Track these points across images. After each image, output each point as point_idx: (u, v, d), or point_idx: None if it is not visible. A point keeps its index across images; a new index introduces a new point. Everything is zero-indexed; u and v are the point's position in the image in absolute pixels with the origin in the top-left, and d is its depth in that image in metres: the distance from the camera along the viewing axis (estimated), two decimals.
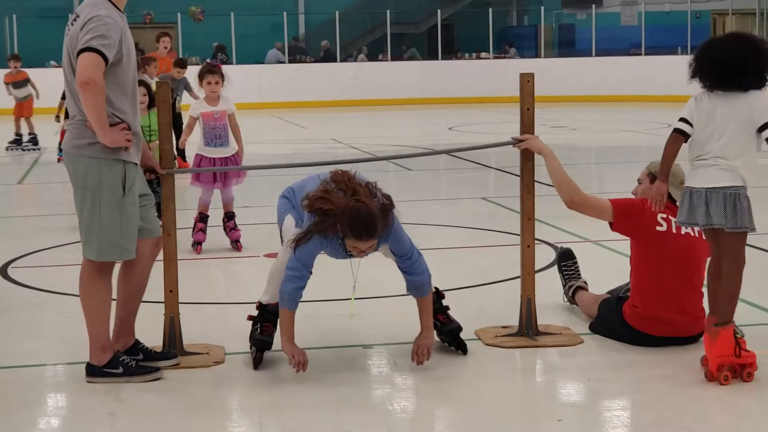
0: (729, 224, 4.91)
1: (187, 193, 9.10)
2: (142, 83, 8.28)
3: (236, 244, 8.26)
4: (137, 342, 5.32)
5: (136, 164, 5.10)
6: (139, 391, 4.97)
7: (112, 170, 4.96)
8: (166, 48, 13.39)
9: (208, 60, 7.57)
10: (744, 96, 4.95)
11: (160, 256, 5.39)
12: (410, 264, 5.26)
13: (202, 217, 8.24)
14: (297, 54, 29.66)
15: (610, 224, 5.64)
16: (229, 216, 8.30)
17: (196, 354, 5.47)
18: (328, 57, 29.22)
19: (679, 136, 5.09)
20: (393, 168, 14.54)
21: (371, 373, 5.37)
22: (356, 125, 21.86)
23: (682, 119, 5.09)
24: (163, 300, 5.48)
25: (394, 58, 29.45)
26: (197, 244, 8.19)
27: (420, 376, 5.21)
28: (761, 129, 4.92)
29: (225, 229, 8.29)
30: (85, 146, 4.97)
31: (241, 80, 26.33)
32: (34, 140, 17.12)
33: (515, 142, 5.67)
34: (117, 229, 4.99)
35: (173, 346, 5.46)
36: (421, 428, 4.58)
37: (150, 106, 8.38)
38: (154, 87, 11.20)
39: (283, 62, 28.75)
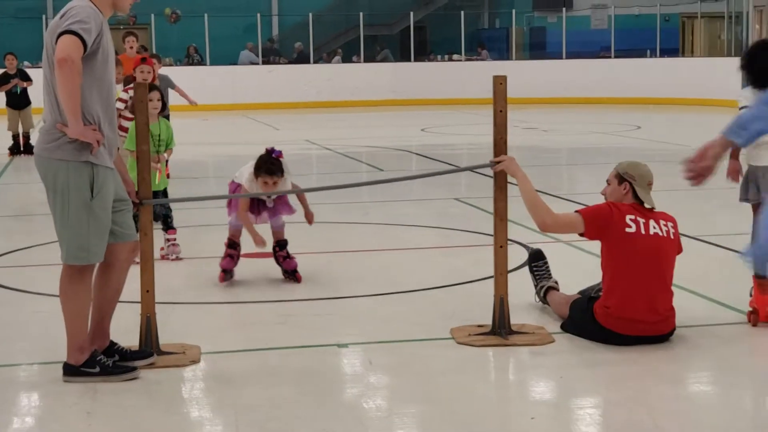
0: None
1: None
2: (155, 87, 8.09)
3: (294, 275, 7.20)
4: (113, 343, 5.34)
5: (109, 168, 5.09)
6: (116, 391, 5.00)
7: (80, 173, 4.97)
8: (132, 48, 13.01)
9: (267, 148, 7.04)
10: None
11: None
12: None
13: (232, 244, 7.21)
14: (270, 55, 29.65)
15: (581, 234, 5.73)
16: (281, 245, 7.27)
17: (172, 354, 5.50)
18: (302, 58, 29.24)
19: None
20: (365, 169, 14.60)
21: (346, 372, 5.42)
22: (330, 127, 21.89)
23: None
24: (139, 300, 5.51)
25: (367, 60, 29.51)
26: (228, 273, 7.19)
27: (395, 374, 5.27)
28: None
29: (277, 259, 7.25)
30: (55, 149, 4.98)
31: (215, 81, 26.60)
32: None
33: (492, 164, 5.73)
34: (85, 233, 5.00)
35: (149, 346, 5.48)
36: (396, 427, 4.63)
37: (161, 110, 8.12)
38: (118, 94, 11.16)
39: (257, 63, 28.74)
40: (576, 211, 5.76)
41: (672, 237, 5.70)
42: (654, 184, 5.80)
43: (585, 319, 5.72)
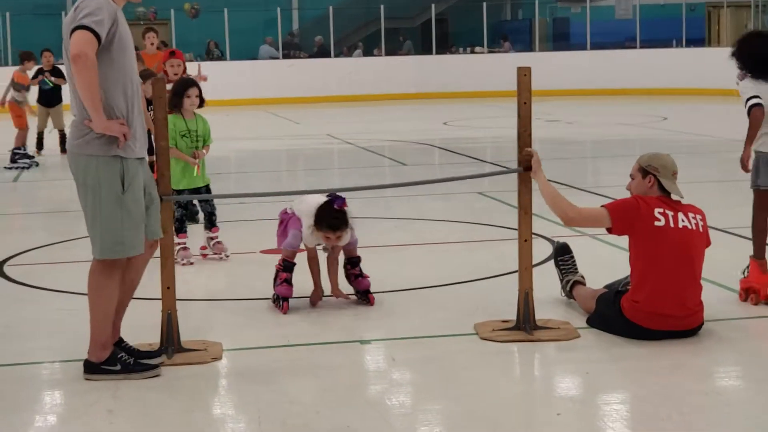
0: None
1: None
2: (193, 83, 7.92)
3: (367, 296, 6.43)
4: (121, 340, 5.29)
5: (139, 159, 5.07)
6: (138, 388, 4.96)
7: (110, 167, 4.95)
8: (152, 44, 12.85)
9: (328, 197, 6.28)
10: None
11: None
12: None
13: (287, 266, 6.38)
14: (291, 49, 29.62)
15: (608, 229, 5.64)
16: (353, 262, 6.50)
17: (194, 351, 5.46)
18: (322, 52, 29.20)
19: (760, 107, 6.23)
20: (388, 163, 14.55)
21: (369, 369, 5.36)
22: (351, 121, 21.85)
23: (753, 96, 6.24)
24: (160, 297, 5.47)
25: (388, 53, 29.43)
26: (282, 300, 6.31)
27: (418, 370, 5.21)
28: None
29: (349, 277, 6.50)
30: (83, 144, 4.96)
31: (235, 76, 26.59)
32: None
33: (521, 170, 5.68)
34: (119, 226, 4.98)
35: (170, 343, 5.44)
36: (419, 423, 4.57)
37: (199, 105, 7.96)
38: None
39: (277, 58, 28.72)
40: (602, 206, 5.67)
41: (701, 230, 5.61)
42: (681, 175, 5.71)
43: (612, 314, 5.64)
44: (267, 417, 4.59)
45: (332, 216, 6.17)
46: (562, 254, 6.41)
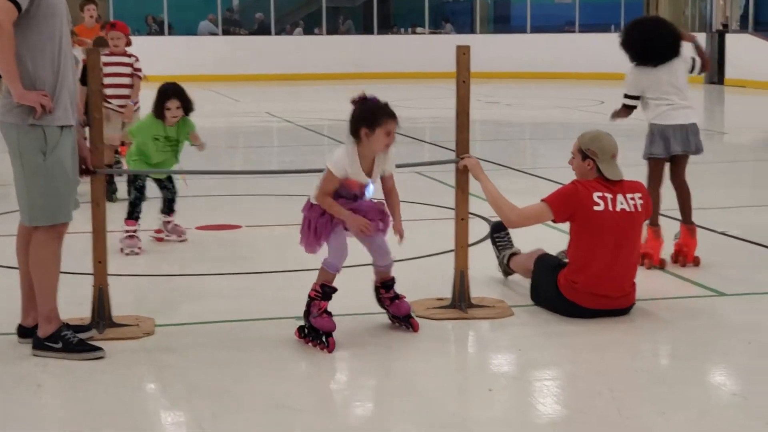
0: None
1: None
2: (173, 93, 7.36)
3: (410, 322, 5.43)
4: None
5: (66, 127, 4.95)
6: (67, 363, 4.89)
7: (30, 135, 4.87)
8: (92, 17, 12.47)
9: (359, 96, 5.34)
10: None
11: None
12: None
13: (327, 292, 5.28)
14: (231, 26, 29.36)
15: (553, 220, 5.67)
16: (387, 285, 5.50)
17: (125, 326, 5.40)
18: (263, 30, 28.98)
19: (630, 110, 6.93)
20: (327, 141, 14.49)
21: (305, 346, 5.33)
22: (291, 99, 21.73)
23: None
24: (91, 271, 5.40)
25: (329, 32, 29.30)
26: (326, 336, 5.13)
27: (354, 348, 5.19)
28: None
29: (383, 301, 5.53)
30: (6, 112, 4.90)
31: (173, 52, 26.28)
32: None
33: (458, 161, 5.67)
34: (42, 193, 4.91)
35: (102, 318, 5.38)
36: (354, 399, 4.57)
37: (186, 114, 7.43)
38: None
39: (216, 34, 28.46)
40: (542, 200, 5.69)
41: (639, 209, 5.64)
42: (618, 157, 5.75)
43: (549, 290, 5.67)
44: (198, 393, 4.55)
45: (383, 105, 5.29)
46: (498, 231, 6.44)
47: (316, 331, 5.14)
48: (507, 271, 6.30)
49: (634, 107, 6.91)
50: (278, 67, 27.06)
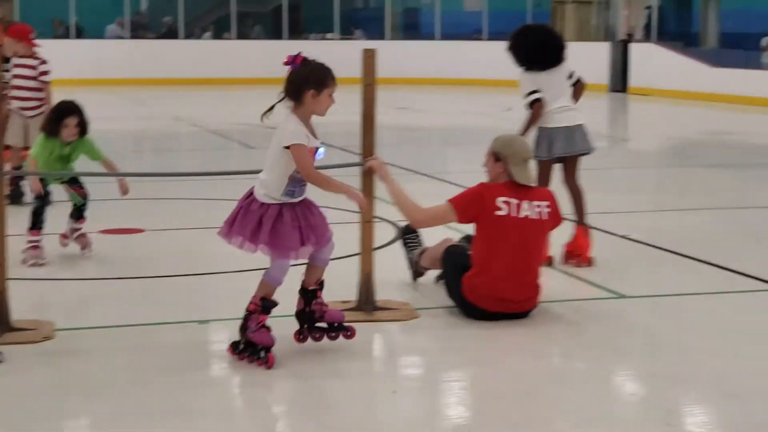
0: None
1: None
2: (72, 110, 7.05)
3: (348, 330, 5.19)
4: None
5: None
6: None
7: None
8: None
9: (289, 57, 5.06)
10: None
11: None
12: None
13: (267, 306, 4.99)
14: (139, 30, 29.02)
15: (458, 220, 5.71)
16: (322, 285, 5.25)
17: (24, 330, 5.29)
18: (171, 33, 28.70)
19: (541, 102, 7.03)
20: (235, 146, 14.41)
21: (207, 349, 5.29)
22: (199, 103, 21.56)
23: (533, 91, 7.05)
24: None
25: (239, 37, 29.13)
26: (265, 351, 4.87)
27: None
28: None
29: (313, 309, 5.18)
30: None
31: (80, 56, 25.89)
32: None
33: (363, 163, 5.68)
34: None
35: (1, 323, 5.26)
36: (258, 402, 4.55)
37: (81, 133, 7.12)
38: None
39: (124, 38, 28.10)
40: (447, 201, 5.72)
41: (545, 217, 5.70)
42: None
43: (454, 290, 5.72)
44: (99, 398, 4.48)
45: (327, 66, 5.06)
46: (408, 233, 6.47)
47: (254, 347, 4.88)
48: (418, 271, 6.33)
49: (540, 100, 7.03)
50: (187, 71, 26.81)
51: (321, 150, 5.13)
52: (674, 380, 4.78)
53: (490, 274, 5.58)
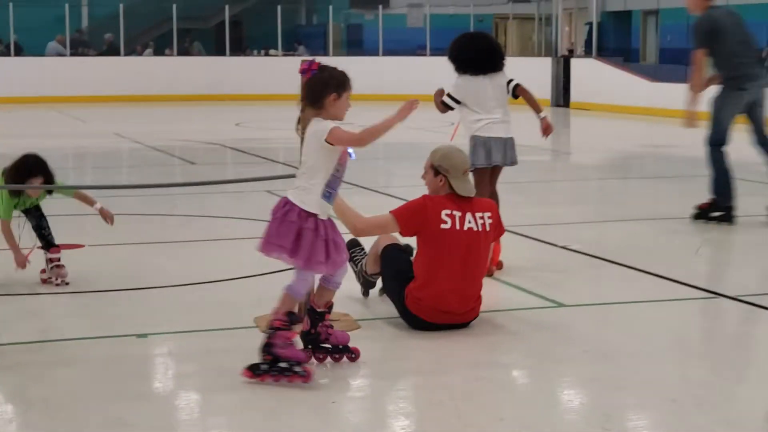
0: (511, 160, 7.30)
1: None
2: (37, 168, 6.51)
3: (351, 350, 5.12)
4: None
5: None
6: None
7: None
8: None
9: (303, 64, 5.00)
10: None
11: None
12: None
13: (294, 320, 4.92)
14: (80, 47, 28.77)
15: (400, 232, 5.71)
16: (331, 308, 5.21)
17: None
18: (112, 50, 28.48)
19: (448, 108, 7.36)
20: (177, 162, 14.33)
21: (146, 363, 5.23)
22: (141, 121, 21.41)
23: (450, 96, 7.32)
24: None
25: (180, 53, 29.00)
26: (301, 366, 4.80)
27: (196, 365, 5.13)
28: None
29: (318, 332, 5.11)
30: None
31: (21, 73, 25.63)
32: None
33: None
34: None
35: None
36: (195, 415, 4.51)
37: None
38: None
39: (65, 55, 27.85)
40: (390, 212, 5.72)
41: (488, 228, 5.71)
42: None
43: (396, 303, 5.72)
44: (35, 412, 4.42)
45: (337, 68, 5.01)
46: (353, 247, 6.42)
47: (281, 364, 4.74)
48: (368, 281, 6.27)
49: (451, 108, 7.32)
50: (128, 88, 26.61)
51: (351, 152, 5.10)
52: (613, 386, 4.82)
53: (434, 288, 5.57)
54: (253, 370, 4.78)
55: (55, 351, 5.30)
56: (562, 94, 26.20)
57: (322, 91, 4.87)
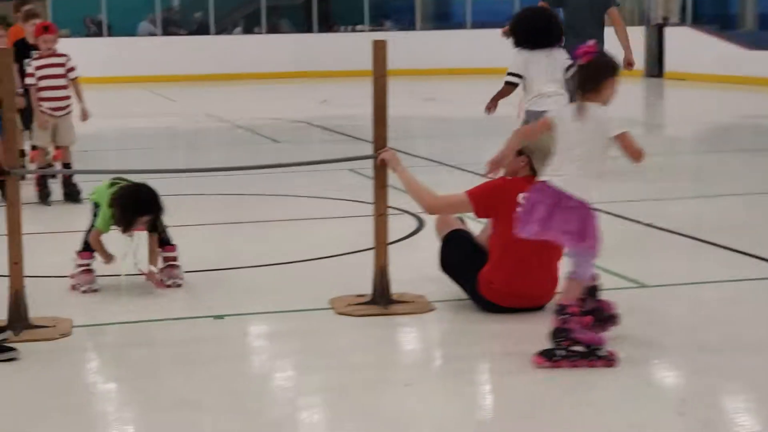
0: None
1: None
2: (147, 209, 6.00)
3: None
4: None
5: None
6: None
7: None
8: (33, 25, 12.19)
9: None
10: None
11: None
12: None
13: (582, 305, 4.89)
14: (170, 26, 29.13)
15: (474, 213, 5.66)
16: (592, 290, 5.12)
17: (42, 327, 5.32)
18: (202, 29, 28.78)
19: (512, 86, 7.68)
20: (262, 141, 14.42)
21: (221, 344, 5.26)
22: (229, 99, 21.61)
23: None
24: (7, 273, 5.33)
25: (269, 31, 29.16)
26: (605, 349, 4.79)
27: (271, 345, 5.18)
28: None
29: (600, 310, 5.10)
30: None
31: (112, 53, 26.03)
32: None
33: (376, 156, 5.65)
34: None
35: (18, 320, 5.30)
36: (268, 396, 4.54)
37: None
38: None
39: (156, 35, 28.24)
40: (465, 192, 5.65)
41: None
42: None
43: (468, 285, 5.66)
44: (110, 393, 4.50)
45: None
46: None
47: (581, 349, 4.70)
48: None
49: (515, 84, 7.58)
50: (218, 66, 26.88)
51: None
52: (690, 371, 4.72)
53: (506, 271, 5.50)
54: (548, 356, 4.73)
55: (132, 332, 5.39)
56: (656, 64, 25.71)
57: (602, 74, 4.84)
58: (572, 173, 4.78)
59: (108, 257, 6.18)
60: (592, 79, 4.80)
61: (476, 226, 6.09)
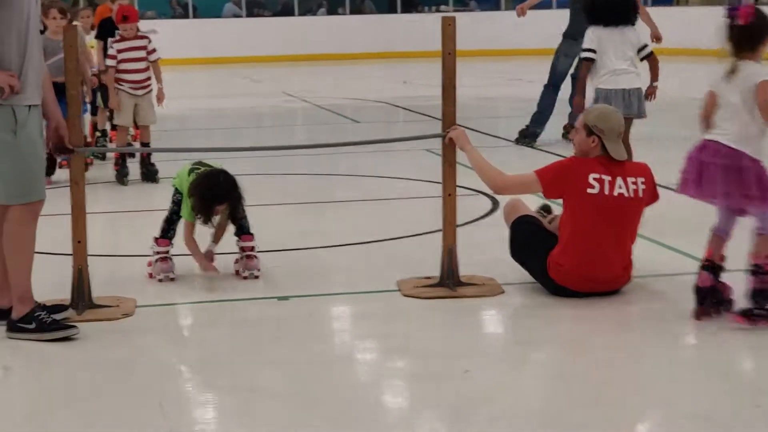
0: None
1: None
2: (222, 197, 5.77)
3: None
4: None
5: (32, 106, 4.86)
6: (40, 344, 4.79)
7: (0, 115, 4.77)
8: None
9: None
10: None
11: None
12: None
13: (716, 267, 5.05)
14: (255, 8, 29.25)
15: (543, 194, 5.49)
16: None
17: (105, 307, 5.30)
18: (287, 11, 28.84)
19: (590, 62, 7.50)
20: (342, 120, 14.36)
21: (285, 325, 5.18)
22: (311, 80, 21.59)
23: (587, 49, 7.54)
24: (71, 252, 5.31)
25: (353, 12, 29.10)
26: None
27: (337, 326, 5.09)
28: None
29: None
30: None
31: (198, 35, 26.21)
32: None
33: (445, 135, 5.52)
34: (14, 172, 4.82)
35: (81, 299, 5.28)
36: (335, 376, 4.43)
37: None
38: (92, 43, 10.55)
39: (241, 16, 28.38)
40: (534, 171, 5.48)
41: (640, 194, 5.41)
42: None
43: (536, 268, 5.50)
44: (173, 374, 4.45)
45: None
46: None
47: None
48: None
49: (592, 60, 7.46)
50: (302, 47, 26.89)
51: None
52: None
53: (575, 255, 5.32)
54: (747, 315, 4.82)
55: (196, 313, 5.34)
56: None
57: (760, 36, 4.90)
58: (735, 131, 4.85)
59: (206, 266, 5.89)
60: (753, 38, 4.87)
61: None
